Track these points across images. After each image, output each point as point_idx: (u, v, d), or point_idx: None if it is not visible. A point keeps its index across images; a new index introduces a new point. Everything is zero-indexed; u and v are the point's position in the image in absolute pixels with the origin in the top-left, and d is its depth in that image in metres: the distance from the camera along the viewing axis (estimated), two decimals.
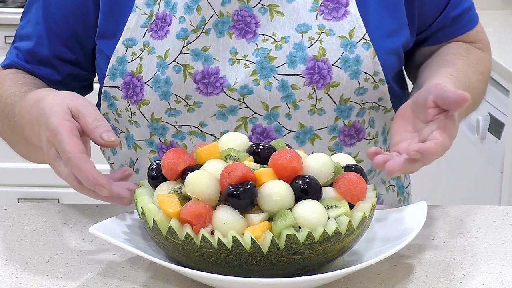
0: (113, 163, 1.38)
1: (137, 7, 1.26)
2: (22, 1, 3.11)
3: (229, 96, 1.23)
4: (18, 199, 3.03)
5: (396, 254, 1.10)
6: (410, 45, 1.32)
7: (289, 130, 1.25)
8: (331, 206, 0.99)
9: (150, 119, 1.26)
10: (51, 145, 1.07)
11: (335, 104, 1.24)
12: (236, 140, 1.06)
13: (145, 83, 1.24)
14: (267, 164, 1.02)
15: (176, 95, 1.24)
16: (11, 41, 1.51)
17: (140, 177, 1.32)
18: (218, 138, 1.23)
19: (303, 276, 0.97)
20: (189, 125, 1.25)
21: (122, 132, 1.31)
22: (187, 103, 1.24)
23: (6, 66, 1.35)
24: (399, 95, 1.32)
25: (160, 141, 1.27)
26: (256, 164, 1.03)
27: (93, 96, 1.36)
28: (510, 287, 1.03)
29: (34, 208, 1.27)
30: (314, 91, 1.23)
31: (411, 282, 1.04)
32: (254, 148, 1.05)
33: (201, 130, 1.25)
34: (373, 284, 1.03)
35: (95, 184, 1.03)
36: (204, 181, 0.98)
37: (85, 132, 1.07)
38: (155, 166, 1.05)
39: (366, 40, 1.23)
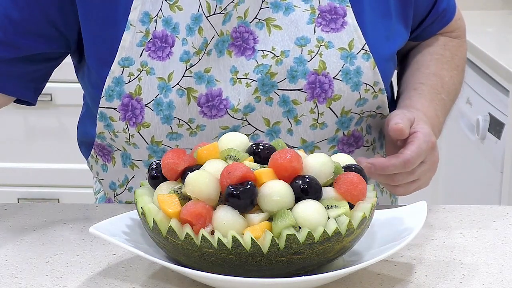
0: (103, 179, 1.34)
1: (131, 24, 1.20)
2: None
3: (233, 117, 1.21)
4: (18, 199, 3.03)
5: (396, 254, 1.10)
6: (403, 45, 1.33)
7: (291, 146, 1.24)
8: (331, 206, 0.99)
9: (150, 141, 1.23)
10: None
11: (337, 117, 1.23)
12: (236, 140, 1.06)
13: (145, 105, 1.21)
14: (267, 164, 1.02)
15: (179, 118, 1.21)
16: None
17: (133, 195, 1.27)
18: None
19: (303, 276, 0.97)
20: (191, 149, 1.21)
21: (118, 149, 1.28)
22: (190, 127, 1.21)
23: None
24: (389, 98, 1.33)
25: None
26: (256, 164, 1.03)
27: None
28: (510, 287, 1.03)
29: (34, 208, 1.27)
30: (316, 105, 1.22)
31: (411, 282, 1.04)
32: (254, 148, 1.05)
33: None
34: (373, 284, 1.03)
35: None
36: (204, 181, 0.98)
37: None
38: (155, 166, 1.05)
39: (366, 50, 1.22)
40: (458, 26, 1.41)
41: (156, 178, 1.04)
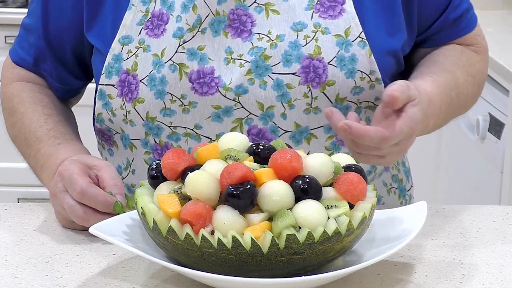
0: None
1: (133, 4, 1.26)
2: (22, 1, 3.11)
3: (224, 96, 1.22)
4: (18, 199, 3.03)
5: (396, 254, 1.10)
6: (408, 49, 1.32)
7: (284, 130, 1.24)
8: (331, 206, 0.99)
9: (145, 117, 1.25)
10: (60, 179, 1.16)
11: (331, 103, 1.24)
12: (236, 140, 1.06)
13: (140, 81, 1.24)
14: (267, 164, 1.02)
15: (171, 94, 1.23)
16: (11, 41, 1.51)
17: (137, 177, 1.31)
18: (214, 141, 1.23)
19: (303, 276, 0.97)
20: (184, 127, 1.25)
21: (117, 132, 1.30)
22: (182, 103, 1.23)
23: (15, 62, 1.38)
24: None
25: (155, 141, 1.27)
26: (256, 164, 1.03)
27: (91, 96, 1.37)
28: (510, 287, 1.03)
29: (34, 208, 1.27)
30: (310, 90, 1.23)
31: (411, 282, 1.04)
32: (254, 148, 1.05)
33: (196, 132, 1.25)
34: (373, 284, 1.03)
35: (110, 205, 1.14)
36: (204, 181, 0.98)
37: (101, 183, 1.17)
38: (155, 166, 1.05)
39: (362, 38, 1.23)
40: (478, 42, 1.38)
41: (156, 178, 1.04)
